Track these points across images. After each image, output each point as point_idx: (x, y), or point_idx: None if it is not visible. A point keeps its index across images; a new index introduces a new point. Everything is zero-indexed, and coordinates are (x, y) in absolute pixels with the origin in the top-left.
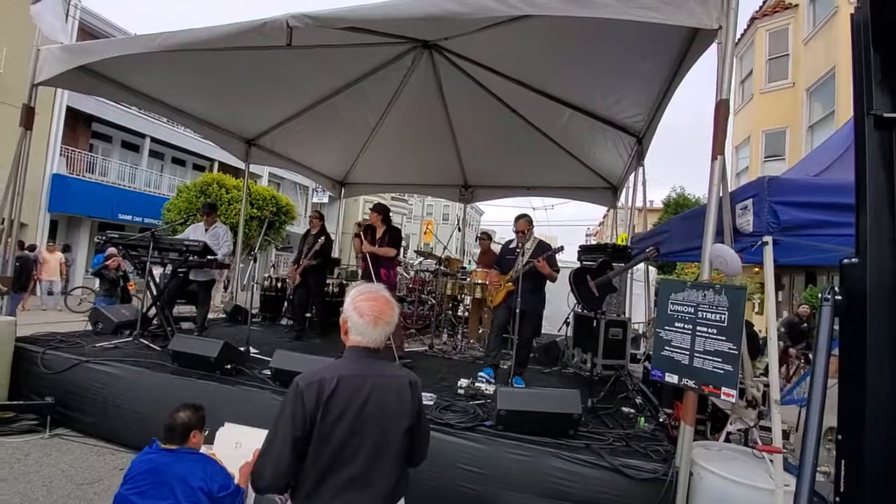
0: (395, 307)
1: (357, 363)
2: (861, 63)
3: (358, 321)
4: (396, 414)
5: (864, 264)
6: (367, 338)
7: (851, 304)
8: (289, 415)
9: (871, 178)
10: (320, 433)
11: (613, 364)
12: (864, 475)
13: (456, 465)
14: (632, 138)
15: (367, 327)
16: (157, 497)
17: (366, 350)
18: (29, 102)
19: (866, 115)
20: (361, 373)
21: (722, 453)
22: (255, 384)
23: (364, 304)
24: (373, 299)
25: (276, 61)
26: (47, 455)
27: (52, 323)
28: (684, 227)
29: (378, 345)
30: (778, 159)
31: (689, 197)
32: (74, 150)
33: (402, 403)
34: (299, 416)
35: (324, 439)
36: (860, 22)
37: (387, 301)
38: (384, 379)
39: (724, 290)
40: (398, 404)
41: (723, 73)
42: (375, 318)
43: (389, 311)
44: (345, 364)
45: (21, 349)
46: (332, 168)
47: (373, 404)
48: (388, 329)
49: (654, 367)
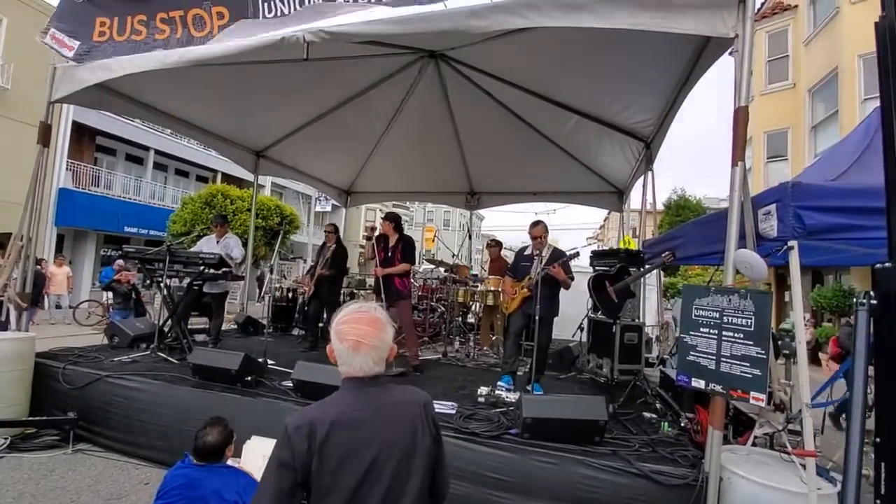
0: (384, 327)
1: (351, 397)
2: (887, 68)
3: (339, 347)
4: (411, 447)
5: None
6: (351, 367)
7: (886, 307)
8: (274, 467)
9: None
10: (319, 487)
11: (630, 369)
12: None
13: (483, 474)
14: (640, 143)
15: (348, 354)
16: None
17: (359, 380)
18: (46, 120)
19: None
20: (359, 407)
21: (750, 457)
22: (276, 396)
23: (344, 328)
24: (354, 321)
25: (285, 74)
26: (72, 470)
27: (62, 336)
28: (700, 231)
29: (367, 372)
30: (780, 160)
31: (691, 198)
32: (80, 164)
33: (417, 433)
34: (287, 466)
35: (325, 494)
36: (885, 28)
37: (372, 321)
38: (390, 409)
39: (750, 295)
40: (412, 435)
41: (740, 81)
42: (356, 343)
43: (374, 332)
44: (338, 400)
45: (41, 365)
46: (339, 177)
47: (380, 443)
48: (375, 354)
49: (679, 371)
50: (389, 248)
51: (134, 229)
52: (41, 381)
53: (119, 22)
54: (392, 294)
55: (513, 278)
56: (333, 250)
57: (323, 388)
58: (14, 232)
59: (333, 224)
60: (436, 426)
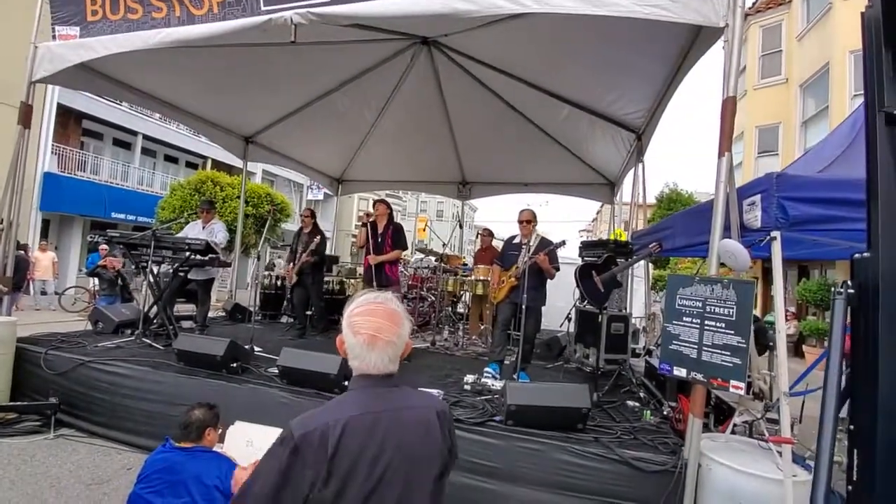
0: (401, 320)
1: (365, 397)
2: (872, 60)
3: (352, 341)
4: (425, 458)
5: (877, 258)
6: (365, 362)
7: (863, 297)
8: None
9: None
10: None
11: (615, 358)
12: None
13: (467, 460)
14: (631, 134)
15: (362, 349)
16: (173, 495)
17: (373, 378)
18: (26, 100)
19: (878, 112)
20: (372, 409)
21: (729, 444)
22: (262, 382)
23: (358, 320)
24: (369, 312)
25: (274, 57)
26: (53, 456)
27: (47, 323)
28: (688, 223)
29: (381, 370)
30: (771, 155)
31: (683, 192)
32: (66, 148)
33: (432, 443)
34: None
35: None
36: (871, 19)
37: (389, 313)
38: (404, 413)
39: (733, 285)
40: (426, 446)
41: (729, 71)
42: (371, 338)
43: (393, 326)
44: (350, 400)
45: (22, 350)
46: (330, 165)
47: (392, 451)
48: (391, 350)
49: (661, 360)
50: (379, 234)
51: (122, 215)
52: (22, 366)
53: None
54: (382, 282)
55: (501, 267)
56: (318, 242)
57: (308, 374)
58: None
59: (310, 209)
60: (451, 437)
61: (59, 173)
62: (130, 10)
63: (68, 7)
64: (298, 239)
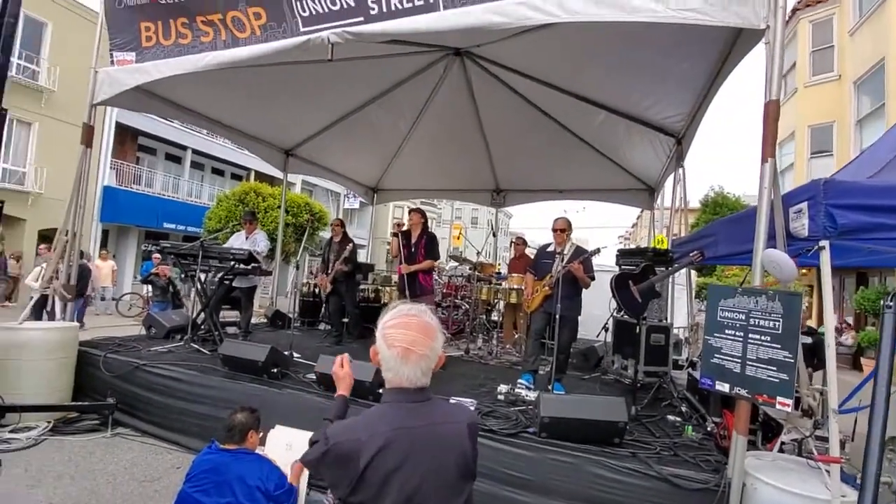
0: (435, 333)
1: (399, 412)
2: None
3: (386, 354)
4: (458, 477)
5: None
6: (399, 375)
7: None
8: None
9: None
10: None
11: (656, 371)
12: None
13: (500, 470)
14: (670, 138)
15: (396, 362)
16: (218, 495)
17: (406, 392)
18: (88, 121)
19: None
20: (406, 425)
21: (775, 463)
22: (300, 388)
23: (392, 332)
24: (404, 325)
25: (312, 74)
26: (110, 453)
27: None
28: (731, 230)
29: (414, 384)
30: (826, 155)
31: (729, 196)
32: (123, 163)
33: (465, 460)
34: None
35: None
36: None
37: (423, 326)
38: (439, 429)
39: (778, 296)
40: (460, 465)
41: (771, 74)
42: (405, 351)
43: (426, 339)
44: (383, 414)
45: (84, 353)
46: (366, 175)
47: (426, 467)
48: (424, 364)
49: (703, 374)
50: (412, 243)
51: (172, 225)
52: (84, 368)
53: (163, 26)
54: (416, 291)
55: (534, 276)
56: (351, 249)
57: None
58: (59, 227)
59: (340, 219)
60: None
61: (117, 187)
62: (181, 35)
63: (125, 35)
64: (329, 248)
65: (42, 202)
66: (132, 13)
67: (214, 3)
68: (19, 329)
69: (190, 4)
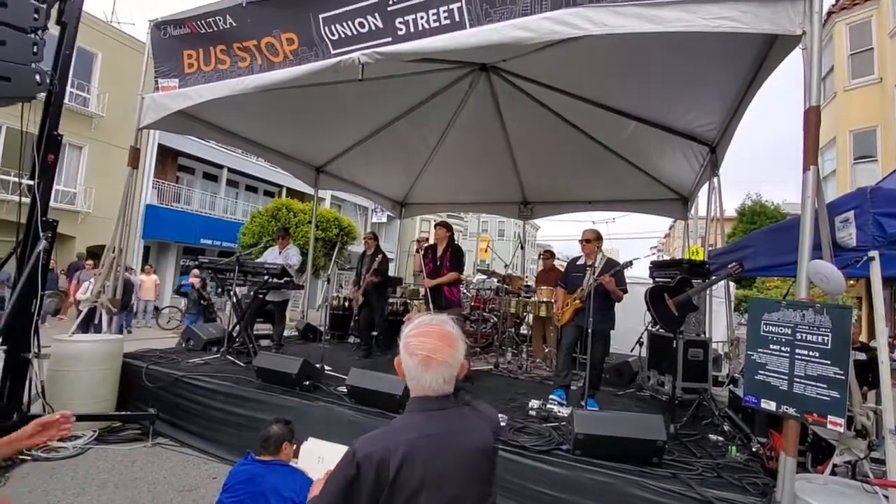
0: (456, 342)
1: (422, 419)
2: None
3: (408, 362)
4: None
5: None
6: (420, 384)
7: None
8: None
9: None
10: None
11: (695, 387)
12: None
13: (531, 488)
14: (704, 147)
15: (418, 370)
16: None
17: (430, 400)
18: (135, 144)
19: None
20: (429, 432)
21: (827, 487)
22: (332, 400)
23: (414, 341)
24: (424, 334)
25: (342, 93)
26: (151, 463)
27: (146, 339)
28: (772, 241)
29: (437, 391)
30: (870, 160)
31: (767, 204)
32: (164, 182)
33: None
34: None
35: None
36: None
37: (444, 335)
38: (466, 437)
39: (826, 310)
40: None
41: (810, 80)
42: (426, 359)
43: (447, 347)
44: (409, 423)
45: (128, 364)
46: (394, 189)
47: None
48: (445, 371)
49: (746, 392)
50: (438, 257)
51: (209, 241)
52: (127, 379)
53: (204, 53)
54: (441, 303)
55: (565, 289)
56: (380, 261)
57: (375, 394)
58: (107, 244)
59: (373, 232)
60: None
61: (159, 205)
62: (220, 61)
63: (169, 62)
64: (362, 261)
65: (90, 221)
66: (176, 42)
67: (250, 31)
68: (70, 341)
69: (227, 33)
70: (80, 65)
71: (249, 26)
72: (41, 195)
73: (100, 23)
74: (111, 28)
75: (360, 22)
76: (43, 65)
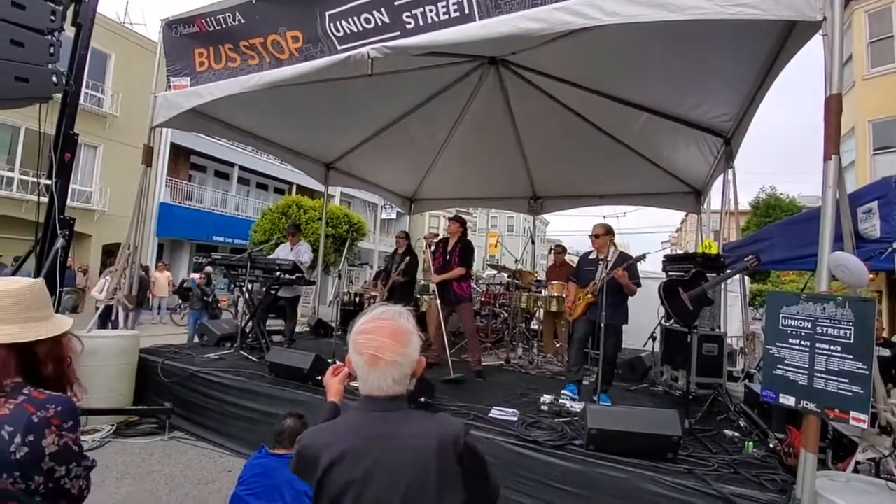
0: (407, 338)
1: (364, 421)
2: None
3: (356, 360)
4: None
5: None
6: (368, 384)
7: None
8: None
9: None
10: None
11: (709, 382)
12: None
13: (545, 483)
14: (718, 139)
15: (364, 369)
16: (269, 499)
17: (376, 401)
18: (148, 142)
19: None
20: (369, 436)
21: (850, 485)
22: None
23: (360, 338)
24: (372, 330)
25: (350, 89)
26: (168, 456)
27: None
28: (790, 233)
29: (385, 392)
30: (890, 151)
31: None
32: (177, 181)
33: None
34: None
35: None
36: None
37: (394, 331)
38: (400, 441)
39: (849, 303)
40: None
41: (832, 67)
42: (373, 358)
43: (394, 344)
44: (350, 423)
45: (144, 359)
46: (403, 185)
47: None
48: (395, 371)
49: (764, 387)
50: (448, 251)
51: (221, 238)
52: (144, 374)
53: (214, 51)
54: (451, 299)
55: (576, 284)
56: (408, 262)
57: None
58: (122, 242)
59: (405, 231)
60: (473, 461)
61: (172, 203)
62: (230, 59)
63: (181, 61)
64: (393, 260)
65: (106, 219)
66: (187, 41)
67: (257, 29)
68: (88, 336)
69: (234, 31)
70: (95, 65)
71: (257, 23)
72: (59, 193)
73: (113, 24)
74: (124, 29)
75: (366, 17)
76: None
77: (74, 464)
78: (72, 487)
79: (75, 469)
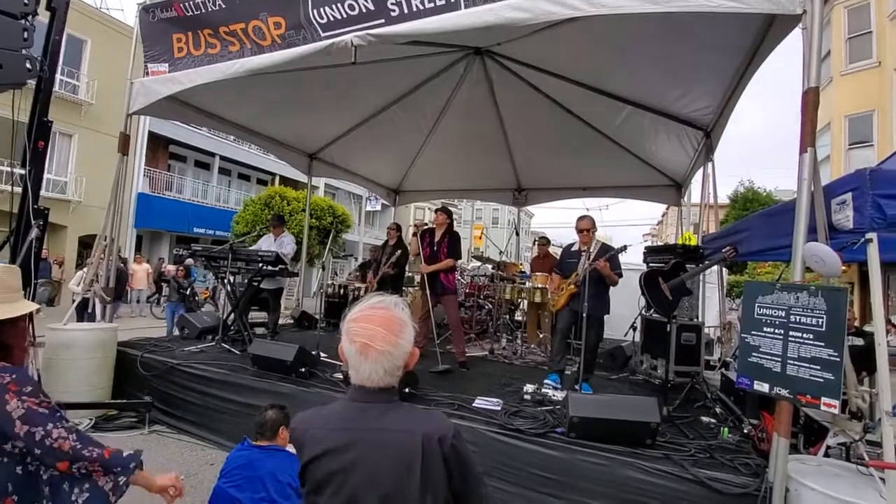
0: (400, 329)
1: (351, 412)
2: None
3: (348, 349)
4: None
5: None
6: (359, 374)
7: None
8: None
9: None
10: None
11: (687, 371)
12: None
13: (528, 471)
14: (699, 132)
15: (356, 358)
16: (251, 490)
17: (365, 391)
18: (124, 130)
19: None
20: (351, 426)
21: (821, 469)
22: (328, 387)
23: (354, 326)
24: (366, 318)
25: (334, 78)
26: (148, 450)
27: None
28: (766, 225)
29: (375, 383)
30: (865, 146)
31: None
32: (156, 171)
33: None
34: None
35: None
36: None
37: (388, 320)
38: (386, 436)
39: (822, 293)
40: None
41: (810, 60)
42: (364, 346)
43: (387, 334)
44: (337, 413)
45: (122, 353)
46: (388, 177)
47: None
48: (386, 362)
49: (739, 374)
50: (435, 242)
51: (202, 230)
52: (123, 367)
53: (193, 37)
54: (437, 290)
55: (560, 275)
56: (399, 255)
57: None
58: (98, 233)
59: (397, 223)
60: (458, 464)
61: (150, 193)
62: (210, 45)
63: (158, 46)
64: (383, 251)
65: (82, 210)
66: (164, 25)
67: (237, 14)
68: (64, 330)
69: (214, 16)
70: (70, 52)
71: (238, 8)
72: (32, 183)
73: (89, 8)
74: (101, 14)
75: (350, 4)
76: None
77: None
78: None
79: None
